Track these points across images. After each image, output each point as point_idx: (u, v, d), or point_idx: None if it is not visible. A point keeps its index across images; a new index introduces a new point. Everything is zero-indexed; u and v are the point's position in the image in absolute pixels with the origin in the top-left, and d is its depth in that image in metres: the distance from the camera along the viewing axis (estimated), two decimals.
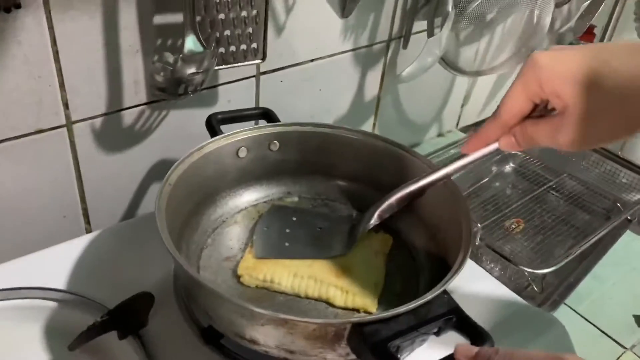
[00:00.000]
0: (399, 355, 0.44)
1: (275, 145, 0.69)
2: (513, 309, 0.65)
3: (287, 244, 0.63)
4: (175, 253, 0.48)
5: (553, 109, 0.47)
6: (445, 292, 0.48)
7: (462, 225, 0.57)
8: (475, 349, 0.40)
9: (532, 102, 0.47)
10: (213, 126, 0.68)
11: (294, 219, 0.67)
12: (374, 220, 0.62)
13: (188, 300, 0.59)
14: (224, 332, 0.50)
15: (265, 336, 0.46)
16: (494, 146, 0.51)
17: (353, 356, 0.47)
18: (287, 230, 0.65)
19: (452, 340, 0.45)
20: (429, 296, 0.46)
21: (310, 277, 0.59)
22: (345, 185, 0.74)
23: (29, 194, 0.68)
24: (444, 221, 0.63)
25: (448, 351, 0.42)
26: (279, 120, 0.71)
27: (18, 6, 0.56)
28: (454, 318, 0.46)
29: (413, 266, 0.65)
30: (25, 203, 0.68)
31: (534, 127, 0.47)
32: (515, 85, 0.47)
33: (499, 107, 0.49)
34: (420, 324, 0.45)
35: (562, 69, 0.43)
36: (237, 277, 0.59)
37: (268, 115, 0.73)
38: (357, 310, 0.57)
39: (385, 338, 0.43)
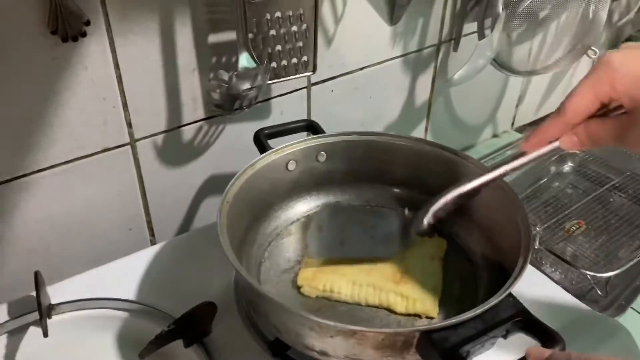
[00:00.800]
0: None
1: (323, 156, 0.71)
2: (575, 314, 0.64)
3: (342, 244, 0.65)
4: (244, 271, 0.50)
5: (617, 108, 0.47)
6: (510, 294, 0.48)
7: (520, 228, 0.57)
8: (548, 351, 0.40)
9: (600, 102, 0.46)
10: (261, 141, 0.70)
11: (348, 217, 0.69)
12: (427, 219, 0.61)
13: (251, 312, 0.61)
14: (292, 345, 0.51)
15: (335, 347, 0.47)
16: (554, 145, 0.50)
17: None
18: (342, 230, 0.67)
19: (519, 341, 0.46)
20: (494, 300, 0.46)
21: (369, 284, 0.60)
22: (393, 191, 0.74)
23: (97, 210, 0.72)
24: (499, 224, 0.63)
25: (516, 353, 0.42)
26: (323, 131, 0.72)
27: (84, 35, 0.59)
28: (522, 320, 0.46)
29: (470, 269, 0.65)
30: (94, 218, 0.72)
31: (600, 127, 0.47)
32: (584, 84, 0.46)
33: (563, 104, 0.48)
34: (489, 329, 0.45)
35: (636, 69, 0.44)
36: (298, 288, 0.61)
37: (313, 127, 0.74)
38: (419, 316, 0.58)
39: (455, 344, 0.43)
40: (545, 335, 0.45)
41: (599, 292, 0.83)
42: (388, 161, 0.72)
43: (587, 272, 0.80)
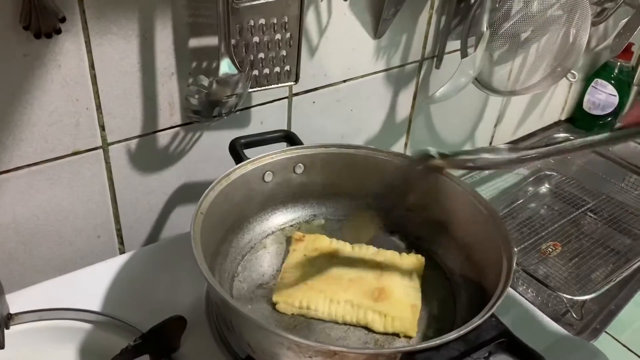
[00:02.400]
0: None
1: (300, 168, 0.69)
2: (553, 338, 0.63)
3: None
4: (218, 286, 0.48)
5: None
6: (492, 315, 0.47)
7: (501, 247, 0.56)
8: None
9: None
10: (237, 150, 0.68)
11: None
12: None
13: (223, 328, 0.59)
14: None
15: None
16: None
17: None
18: None
19: None
20: (477, 321, 0.45)
21: (346, 302, 0.58)
22: (371, 205, 0.73)
23: (65, 215, 0.69)
24: (478, 242, 0.62)
25: None
26: (301, 142, 0.71)
27: (58, 31, 0.57)
28: (506, 342, 0.46)
29: (448, 287, 0.64)
30: (61, 223, 0.69)
31: None
32: None
33: None
34: (471, 350, 0.44)
35: None
36: (273, 305, 0.59)
37: (290, 138, 0.72)
38: (397, 335, 0.56)
39: None
40: (528, 356, 0.44)
41: (574, 315, 0.82)
42: (366, 175, 0.71)
43: (563, 295, 0.80)
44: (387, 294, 0.59)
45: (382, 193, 0.72)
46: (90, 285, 0.64)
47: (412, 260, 0.65)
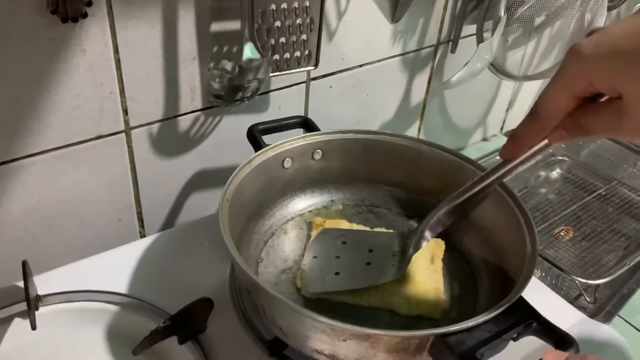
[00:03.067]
0: None
1: (319, 154, 0.69)
2: (571, 321, 0.64)
3: (337, 273, 0.59)
4: (254, 276, 0.48)
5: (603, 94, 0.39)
6: (521, 297, 0.48)
7: (523, 228, 0.57)
8: (564, 354, 0.39)
9: (577, 99, 0.40)
10: (255, 137, 0.68)
11: (343, 242, 0.64)
12: (425, 239, 0.58)
13: (248, 311, 0.60)
14: (299, 348, 0.50)
15: (347, 351, 0.46)
16: (540, 145, 0.46)
17: None
18: (337, 257, 0.61)
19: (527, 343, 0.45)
20: (507, 303, 0.46)
21: (371, 285, 0.59)
22: (389, 190, 0.74)
23: (88, 198, 0.69)
24: (498, 225, 0.62)
25: (525, 355, 0.41)
26: (318, 128, 0.71)
27: (84, 16, 0.57)
28: (534, 323, 0.46)
29: (468, 270, 0.65)
30: (83, 207, 0.70)
31: (588, 118, 0.40)
32: (555, 84, 0.40)
33: (536, 108, 0.42)
34: (503, 331, 0.45)
35: (611, 54, 0.36)
36: (297, 289, 0.59)
37: (307, 124, 0.73)
38: (422, 317, 0.57)
39: (471, 347, 0.43)
40: (559, 338, 0.45)
41: (587, 299, 0.83)
42: (384, 160, 0.71)
43: (577, 279, 0.81)
44: (411, 278, 0.60)
45: (399, 178, 0.73)
46: (114, 268, 0.65)
47: (432, 244, 0.66)
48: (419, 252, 0.64)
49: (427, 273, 0.61)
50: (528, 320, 0.47)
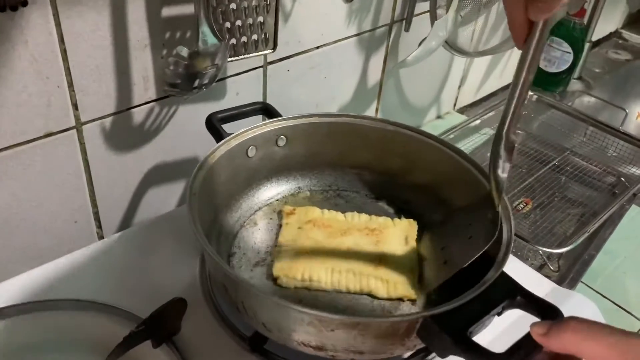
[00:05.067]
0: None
1: (283, 140, 0.67)
2: (544, 290, 0.65)
3: (445, 262, 0.58)
4: (231, 270, 0.46)
5: None
6: (503, 272, 0.47)
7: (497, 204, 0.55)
8: (549, 323, 0.39)
9: None
10: (214, 126, 0.65)
11: (445, 230, 0.63)
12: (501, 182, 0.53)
13: (223, 308, 0.58)
14: (283, 342, 0.48)
15: (335, 341, 0.45)
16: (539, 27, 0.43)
17: (420, 346, 0.46)
18: (442, 248, 0.61)
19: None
20: (491, 278, 0.46)
21: (348, 270, 0.58)
22: (355, 173, 0.73)
23: (40, 201, 0.65)
24: (469, 202, 0.61)
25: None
26: (279, 114, 0.69)
27: (25, 3, 0.52)
28: (518, 296, 0.46)
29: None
30: (35, 210, 0.65)
31: None
32: None
33: None
34: (489, 307, 0.45)
35: None
36: (273, 280, 0.58)
37: (268, 110, 0.70)
38: (401, 299, 0.57)
39: (462, 326, 0.43)
40: (543, 308, 0.45)
41: (551, 267, 0.85)
42: (349, 143, 0.70)
43: (541, 248, 0.82)
44: (386, 260, 0.59)
45: (365, 160, 0.72)
46: (74, 274, 0.61)
47: (405, 224, 0.65)
48: (392, 234, 0.63)
49: (402, 254, 0.61)
50: (513, 294, 0.47)
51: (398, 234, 0.64)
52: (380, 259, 0.59)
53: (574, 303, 0.64)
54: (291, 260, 0.58)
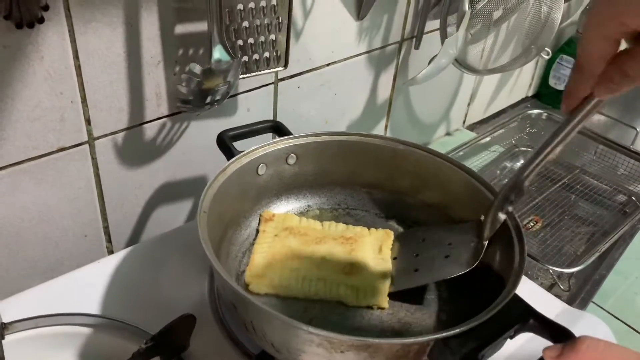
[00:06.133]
0: None
1: (293, 159, 0.67)
2: (554, 312, 0.64)
3: (416, 270, 0.60)
4: (243, 292, 0.46)
5: None
6: (515, 294, 0.47)
7: (509, 223, 0.56)
8: (560, 347, 0.38)
9: (615, 41, 0.39)
10: (226, 144, 0.66)
11: (423, 240, 0.64)
12: (497, 221, 0.56)
13: (232, 327, 0.57)
14: None
15: None
16: (593, 102, 0.44)
17: None
18: (416, 255, 0.62)
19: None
20: (503, 301, 0.45)
21: (319, 279, 0.58)
22: (365, 192, 0.73)
23: (51, 215, 0.65)
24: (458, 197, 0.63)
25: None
26: (289, 132, 0.69)
27: (41, 21, 0.53)
28: (531, 319, 0.46)
29: None
30: (46, 224, 0.66)
31: (632, 64, 0.39)
32: (589, 30, 0.39)
33: (578, 57, 0.41)
34: (503, 330, 0.44)
35: None
36: (245, 286, 0.58)
37: (278, 128, 0.71)
38: (371, 307, 0.57)
39: (473, 349, 0.43)
40: (556, 332, 0.45)
41: (562, 287, 0.85)
42: (359, 162, 0.70)
43: (552, 268, 0.82)
44: (358, 268, 0.60)
45: (375, 179, 0.72)
46: (84, 288, 0.61)
47: (381, 234, 0.66)
48: (367, 243, 0.63)
49: (375, 262, 0.61)
50: (525, 317, 0.46)
51: (373, 243, 0.64)
52: (352, 267, 0.60)
53: (586, 324, 0.63)
54: (264, 267, 0.59)
